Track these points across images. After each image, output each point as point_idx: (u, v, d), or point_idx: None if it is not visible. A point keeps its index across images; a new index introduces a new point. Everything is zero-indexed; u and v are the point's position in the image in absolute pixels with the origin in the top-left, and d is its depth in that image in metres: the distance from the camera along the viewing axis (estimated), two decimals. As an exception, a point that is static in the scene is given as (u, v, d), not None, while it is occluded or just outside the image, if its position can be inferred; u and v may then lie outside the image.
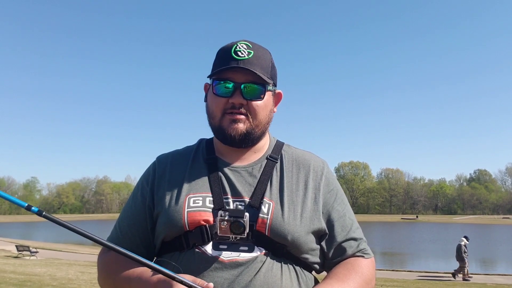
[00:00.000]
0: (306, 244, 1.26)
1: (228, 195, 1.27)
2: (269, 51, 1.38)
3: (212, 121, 1.34)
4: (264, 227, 1.22)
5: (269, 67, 1.34)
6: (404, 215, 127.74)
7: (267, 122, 1.36)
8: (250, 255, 1.19)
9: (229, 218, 1.19)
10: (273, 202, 1.26)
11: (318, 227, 1.29)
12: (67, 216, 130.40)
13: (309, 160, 1.40)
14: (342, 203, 1.38)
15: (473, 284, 16.56)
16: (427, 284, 15.95)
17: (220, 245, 1.20)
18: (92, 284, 12.76)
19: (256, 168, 1.34)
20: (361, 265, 1.29)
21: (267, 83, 1.31)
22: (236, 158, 1.36)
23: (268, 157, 1.37)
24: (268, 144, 1.42)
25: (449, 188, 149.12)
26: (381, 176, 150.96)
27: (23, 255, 23.59)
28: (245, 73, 1.28)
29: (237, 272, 1.17)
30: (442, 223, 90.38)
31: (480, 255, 30.91)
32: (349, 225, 1.35)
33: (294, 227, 1.23)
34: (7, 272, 14.81)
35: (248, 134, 1.30)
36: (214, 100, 1.32)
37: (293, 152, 1.42)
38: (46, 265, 18.57)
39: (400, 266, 23.15)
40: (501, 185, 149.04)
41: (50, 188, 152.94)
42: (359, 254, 1.33)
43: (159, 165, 1.40)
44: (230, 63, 1.28)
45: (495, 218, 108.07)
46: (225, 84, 1.29)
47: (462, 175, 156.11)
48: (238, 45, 1.31)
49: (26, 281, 12.51)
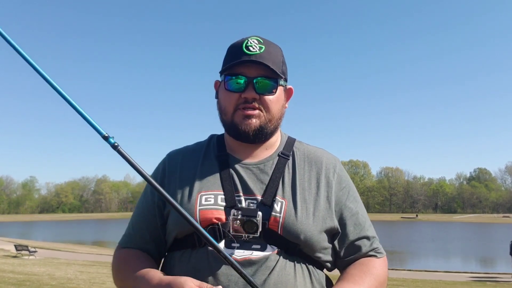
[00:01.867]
0: (319, 243, 1.25)
1: (240, 193, 1.26)
2: (280, 47, 1.36)
3: (225, 117, 1.31)
4: (276, 226, 1.20)
5: (281, 62, 1.32)
6: (404, 214, 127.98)
7: (280, 117, 1.34)
8: (263, 253, 1.18)
9: (242, 217, 1.18)
10: (285, 200, 1.25)
11: (331, 226, 1.27)
12: (66, 215, 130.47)
13: (321, 157, 1.37)
14: (355, 200, 1.36)
15: (473, 283, 16.55)
16: (427, 284, 15.93)
17: (232, 243, 1.19)
18: (91, 283, 12.73)
19: (268, 165, 1.32)
20: (375, 266, 1.28)
21: (280, 78, 1.29)
22: (248, 155, 1.34)
23: (280, 154, 1.35)
24: (280, 140, 1.40)
25: (449, 187, 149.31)
26: (381, 175, 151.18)
27: (22, 254, 23.58)
28: (257, 67, 1.26)
29: (251, 270, 1.16)
30: (442, 222, 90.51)
31: (480, 253, 30.91)
32: (362, 223, 1.33)
33: (307, 226, 1.22)
34: (6, 271, 14.78)
35: (261, 129, 1.28)
36: (226, 95, 1.29)
37: (305, 149, 1.39)
38: (45, 265, 18.55)
39: (399, 265, 23.14)
40: (501, 183, 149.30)
41: (48, 187, 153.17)
42: (372, 253, 1.31)
43: (170, 162, 1.38)
44: (242, 58, 1.26)
45: (495, 217, 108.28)
46: (237, 80, 1.27)
47: (462, 174, 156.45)
48: (249, 40, 1.30)
49: (25, 280, 12.49)
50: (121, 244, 1.40)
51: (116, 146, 1.05)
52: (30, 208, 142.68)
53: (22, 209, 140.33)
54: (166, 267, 1.30)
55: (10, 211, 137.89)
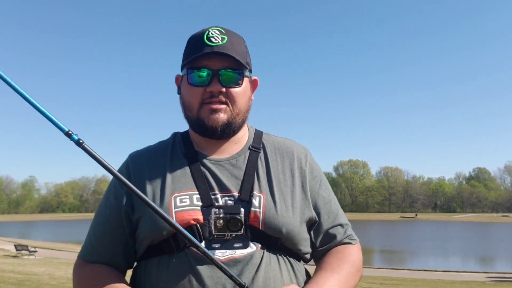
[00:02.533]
0: (300, 235, 1.22)
1: (215, 191, 1.20)
2: (242, 37, 1.30)
3: (189, 113, 1.25)
4: (257, 221, 1.16)
5: (244, 52, 1.26)
6: (404, 213, 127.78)
7: (247, 110, 1.29)
8: (246, 251, 1.14)
9: (225, 216, 1.14)
10: (263, 194, 1.21)
11: (309, 216, 1.26)
12: (65, 215, 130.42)
13: (292, 148, 1.34)
14: (327, 189, 1.35)
15: (473, 282, 16.57)
16: (426, 283, 15.95)
17: (213, 243, 1.14)
18: (91, 283, 12.72)
19: (240, 159, 1.27)
20: (351, 253, 1.28)
21: (245, 69, 1.25)
22: (217, 151, 1.28)
23: (250, 147, 1.30)
24: (248, 134, 1.35)
25: (448, 187, 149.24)
26: (380, 174, 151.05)
27: (21, 254, 23.58)
28: (221, 59, 1.20)
29: (237, 270, 1.11)
30: (442, 222, 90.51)
31: (479, 253, 30.95)
32: (335, 211, 1.32)
33: (287, 219, 1.19)
34: (6, 271, 14.79)
35: (229, 124, 1.23)
36: (190, 90, 1.23)
37: (274, 141, 1.35)
38: (45, 265, 18.56)
39: (399, 264, 23.17)
40: (500, 183, 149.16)
41: (48, 187, 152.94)
42: (347, 240, 1.31)
43: (134, 164, 1.28)
44: (204, 50, 1.20)
45: (494, 216, 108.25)
46: (201, 73, 1.21)
47: (461, 173, 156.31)
48: (210, 31, 1.23)
49: (25, 280, 12.50)
50: (83, 258, 1.27)
51: (80, 143, 0.98)
52: (30, 208, 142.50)
53: (22, 209, 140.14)
54: (141, 277, 1.21)
55: (10, 211, 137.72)
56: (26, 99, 0.94)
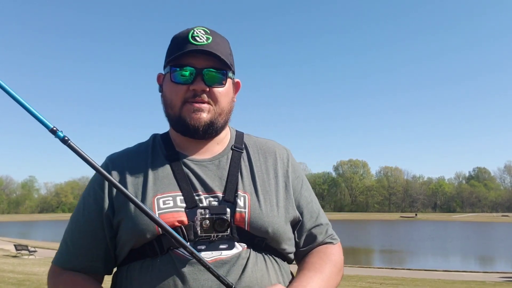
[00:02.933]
0: (285, 234, 1.22)
1: (199, 192, 1.18)
2: (227, 39, 1.29)
3: (171, 112, 1.23)
4: (243, 222, 1.15)
5: (228, 54, 1.25)
6: (403, 213, 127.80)
7: (229, 111, 1.28)
8: (232, 252, 1.13)
9: (211, 216, 1.12)
10: (247, 194, 1.19)
11: (293, 216, 1.26)
12: (65, 215, 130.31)
13: (274, 148, 1.34)
14: (308, 189, 1.35)
15: (473, 282, 16.58)
16: (426, 282, 15.96)
17: (198, 245, 1.11)
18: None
19: (223, 160, 1.26)
20: (333, 252, 1.28)
21: (228, 70, 1.24)
22: (199, 151, 1.26)
23: (232, 147, 1.29)
24: (229, 134, 1.34)
25: (448, 186, 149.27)
26: (380, 174, 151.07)
27: (21, 254, 23.59)
28: (205, 58, 1.19)
29: (223, 271, 1.09)
30: (441, 221, 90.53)
31: (479, 252, 30.96)
32: (316, 211, 1.33)
33: (273, 218, 1.18)
34: (6, 271, 14.79)
35: (211, 124, 1.21)
36: (173, 88, 1.21)
37: (255, 141, 1.35)
38: (45, 264, 18.55)
39: (399, 264, 23.16)
40: (500, 183, 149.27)
41: (48, 187, 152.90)
42: (328, 240, 1.31)
43: (114, 166, 1.24)
44: (189, 49, 1.19)
45: (494, 216, 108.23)
46: (183, 71, 1.19)
47: (461, 173, 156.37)
48: (195, 30, 1.22)
49: (24, 280, 12.50)
50: (59, 264, 1.23)
51: (66, 140, 0.93)
52: (30, 208, 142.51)
53: (21, 209, 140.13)
54: (122, 282, 1.18)
55: (10, 211, 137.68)
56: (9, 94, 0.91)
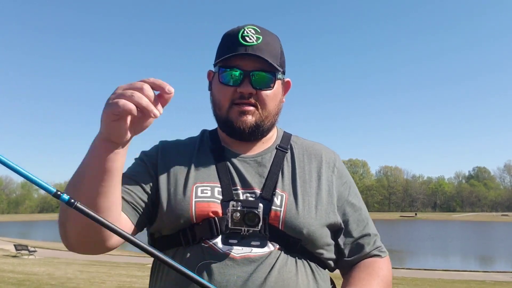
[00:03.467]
0: (322, 239, 1.18)
1: (237, 186, 1.18)
2: (278, 37, 1.28)
3: (219, 112, 1.24)
4: (277, 221, 1.13)
5: (279, 53, 1.24)
6: (403, 212, 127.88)
7: (277, 113, 1.26)
8: (263, 251, 1.11)
9: (242, 209, 1.10)
10: (286, 193, 1.18)
11: (334, 221, 1.21)
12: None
13: (320, 151, 1.31)
14: (356, 196, 1.31)
15: (473, 281, 16.58)
16: (426, 282, 15.96)
17: (230, 239, 1.11)
18: (91, 283, 12.74)
19: (266, 157, 1.25)
20: (381, 267, 1.23)
21: (277, 71, 1.22)
22: (244, 148, 1.27)
23: (277, 146, 1.29)
24: (276, 135, 1.34)
25: (448, 186, 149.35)
26: (380, 174, 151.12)
27: (21, 254, 23.57)
28: (254, 60, 1.18)
29: (250, 269, 1.08)
30: (441, 221, 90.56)
31: (479, 252, 30.97)
32: (365, 220, 1.28)
33: (309, 220, 1.15)
34: (6, 271, 14.79)
35: (257, 127, 1.21)
36: (221, 89, 1.21)
37: (302, 143, 1.33)
38: (45, 264, 18.55)
39: (399, 263, 23.12)
40: (500, 182, 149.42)
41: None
42: (376, 252, 1.26)
43: (163, 150, 1.28)
44: (238, 49, 1.18)
45: (493, 216, 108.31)
46: (232, 72, 1.19)
47: (461, 173, 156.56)
48: (245, 29, 1.20)
49: (24, 280, 12.49)
50: None
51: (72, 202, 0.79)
52: (30, 208, 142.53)
53: (21, 209, 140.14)
54: (159, 267, 1.20)
55: (10, 211, 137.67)
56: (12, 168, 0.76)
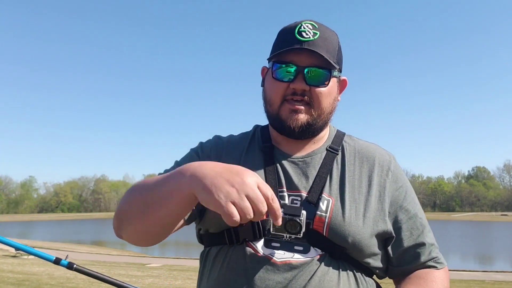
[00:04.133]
0: (369, 248, 1.11)
1: (283, 188, 1.14)
2: (336, 34, 1.21)
3: (270, 109, 1.19)
4: (321, 226, 1.08)
5: (336, 50, 1.18)
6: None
7: (330, 112, 1.21)
8: (305, 256, 1.07)
9: (284, 216, 1.04)
10: (332, 198, 1.12)
11: (383, 229, 1.14)
12: (65, 215, 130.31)
13: (374, 153, 1.24)
14: (413, 202, 1.22)
15: (472, 281, 16.58)
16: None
17: (272, 242, 1.08)
18: (91, 283, 12.71)
19: (315, 159, 1.20)
20: (435, 280, 1.14)
21: (333, 68, 1.16)
22: (294, 148, 1.22)
23: (328, 148, 1.23)
24: (328, 134, 1.28)
25: (448, 186, 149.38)
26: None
27: (21, 254, 23.47)
28: (309, 55, 1.13)
29: (290, 275, 1.04)
30: (441, 221, 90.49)
31: (478, 252, 30.99)
32: (420, 228, 1.19)
33: (356, 228, 1.09)
34: (5, 271, 14.78)
35: (309, 126, 1.16)
36: (274, 85, 1.17)
37: (355, 144, 1.26)
38: (44, 264, 18.51)
39: (398, 263, 23.15)
40: (499, 182, 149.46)
41: (47, 187, 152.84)
42: (431, 263, 1.17)
43: (216, 145, 1.26)
44: (293, 45, 1.13)
45: (493, 215, 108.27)
46: (287, 68, 1.14)
47: (460, 172, 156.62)
48: (302, 25, 1.16)
49: (24, 280, 12.48)
50: None
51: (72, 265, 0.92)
52: (29, 208, 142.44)
53: (21, 209, 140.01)
54: (204, 263, 1.19)
55: (9, 211, 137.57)
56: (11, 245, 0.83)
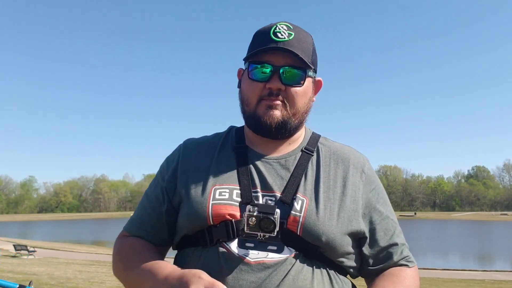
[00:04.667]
0: (342, 247, 1.12)
1: (257, 189, 1.15)
2: (310, 35, 1.24)
3: (247, 108, 1.20)
4: (295, 226, 1.09)
5: (310, 51, 1.20)
6: (402, 212, 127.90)
7: (305, 111, 1.22)
8: (279, 256, 1.07)
9: (258, 214, 1.05)
10: (307, 198, 1.13)
11: (357, 229, 1.15)
12: (64, 215, 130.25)
13: (349, 155, 1.25)
14: (385, 203, 1.24)
15: (472, 280, 16.61)
16: (425, 281, 15.98)
17: (246, 242, 1.08)
18: (90, 283, 12.74)
19: (290, 160, 1.20)
20: (406, 277, 1.16)
21: (308, 68, 1.18)
22: (268, 149, 1.22)
23: (303, 149, 1.23)
24: (304, 135, 1.28)
25: (447, 185, 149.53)
26: (379, 173, 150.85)
27: (21, 254, 23.55)
28: (285, 55, 1.14)
29: (264, 275, 1.04)
30: (440, 220, 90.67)
31: (478, 251, 31.00)
32: (392, 229, 1.21)
33: (329, 227, 1.10)
34: (5, 271, 14.78)
35: (284, 123, 1.17)
36: (250, 85, 1.18)
37: (330, 146, 1.27)
38: (44, 264, 18.55)
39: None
40: (499, 181, 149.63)
41: (47, 187, 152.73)
42: (403, 262, 1.20)
43: (185, 150, 1.27)
44: (269, 45, 1.15)
45: (493, 215, 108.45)
46: (262, 69, 1.16)
47: (460, 172, 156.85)
48: (277, 26, 1.18)
49: (24, 280, 12.47)
50: (127, 230, 1.28)
51: None
52: (29, 208, 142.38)
53: (21, 209, 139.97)
54: (180, 264, 1.18)
55: (9, 211, 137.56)
56: None
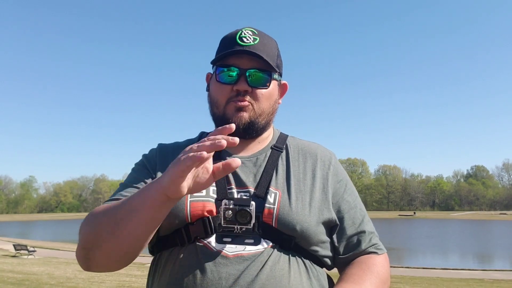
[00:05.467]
0: (316, 235, 1.17)
1: (232, 185, 1.20)
2: (275, 40, 1.30)
3: (216, 110, 1.26)
4: (271, 218, 1.13)
5: (275, 55, 1.26)
6: (402, 211, 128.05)
7: (271, 113, 1.29)
8: (256, 248, 1.11)
9: (234, 207, 1.10)
10: (279, 191, 1.19)
11: (328, 218, 1.21)
12: (64, 215, 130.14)
13: (316, 150, 1.33)
14: (353, 194, 1.31)
15: (471, 280, 16.62)
16: (424, 280, 16.01)
17: (224, 237, 1.12)
18: (91, 282, 12.76)
19: (261, 158, 1.27)
20: (376, 264, 1.20)
21: (274, 71, 1.25)
22: (239, 149, 1.28)
23: (272, 146, 1.30)
24: (272, 135, 1.35)
25: (446, 185, 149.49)
26: (378, 173, 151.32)
27: (21, 254, 23.56)
28: (250, 59, 1.21)
29: (242, 267, 1.08)
30: (440, 219, 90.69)
31: (477, 250, 31.04)
32: (360, 217, 1.27)
33: (303, 217, 1.15)
34: (5, 271, 14.80)
35: (252, 124, 1.23)
36: (218, 88, 1.24)
37: (298, 143, 1.35)
38: (44, 264, 18.56)
39: (397, 262, 23.20)
40: (498, 181, 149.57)
41: (46, 186, 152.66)
42: (372, 249, 1.24)
43: (161, 152, 1.31)
44: (235, 49, 1.21)
45: (492, 214, 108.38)
46: (229, 72, 1.22)
47: (459, 171, 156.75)
48: (243, 31, 1.24)
49: (24, 280, 12.51)
50: None
51: None
52: (29, 208, 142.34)
53: (21, 209, 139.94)
54: (154, 269, 1.22)
55: (9, 211, 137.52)
56: None
